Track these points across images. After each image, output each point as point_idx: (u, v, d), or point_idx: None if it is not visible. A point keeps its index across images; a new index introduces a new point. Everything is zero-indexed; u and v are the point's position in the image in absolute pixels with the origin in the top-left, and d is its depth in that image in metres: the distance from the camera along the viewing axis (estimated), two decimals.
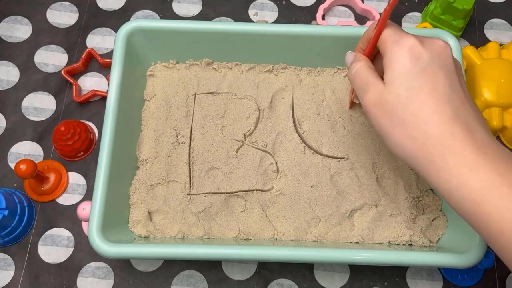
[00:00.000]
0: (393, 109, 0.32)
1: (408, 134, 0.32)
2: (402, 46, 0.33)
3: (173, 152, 0.48)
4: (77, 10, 0.61)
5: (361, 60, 0.37)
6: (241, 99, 0.50)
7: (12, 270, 0.49)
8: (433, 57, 0.32)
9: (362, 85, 0.35)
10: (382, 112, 0.33)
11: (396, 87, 0.32)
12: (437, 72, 0.32)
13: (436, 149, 0.31)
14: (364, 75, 0.35)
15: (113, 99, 0.45)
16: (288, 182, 0.47)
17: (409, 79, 0.32)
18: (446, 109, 0.31)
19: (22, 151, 0.54)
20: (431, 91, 0.32)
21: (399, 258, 0.39)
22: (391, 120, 0.33)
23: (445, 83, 0.32)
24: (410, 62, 0.32)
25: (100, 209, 0.41)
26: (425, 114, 0.31)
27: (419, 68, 0.32)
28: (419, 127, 0.31)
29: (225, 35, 0.48)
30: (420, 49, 0.32)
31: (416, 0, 0.62)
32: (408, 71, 0.32)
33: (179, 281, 0.49)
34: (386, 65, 0.33)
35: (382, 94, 0.33)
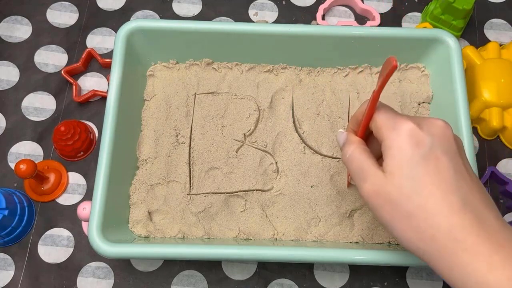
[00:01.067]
0: (396, 201, 0.30)
1: (414, 227, 0.30)
2: (400, 132, 0.31)
3: (173, 152, 0.48)
4: (77, 10, 0.61)
5: (354, 142, 0.35)
6: (241, 99, 0.50)
7: (12, 270, 0.49)
8: (434, 141, 0.31)
9: (358, 173, 0.33)
10: (383, 202, 0.31)
11: (397, 177, 0.30)
12: (440, 157, 0.30)
13: (447, 244, 0.29)
14: (360, 161, 0.33)
15: (113, 99, 0.45)
16: (288, 182, 0.47)
17: (411, 168, 0.30)
18: (454, 199, 0.29)
19: (22, 151, 0.54)
20: (436, 180, 0.30)
21: (399, 258, 0.39)
22: (395, 212, 0.31)
23: (450, 168, 0.30)
24: (410, 149, 0.30)
25: (100, 209, 0.41)
26: (432, 206, 0.29)
27: (421, 155, 0.30)
28: (426, 220, 0.29)
29: (225, 35, 0.48)
30: (420, 133, 0.31)
31: (416, 0, 0.62)
32: (409, 159, 0.30)
33: (179, 281, 0.49)
34: (385, 153, 0.32)
35: (382, 185, 0.31)
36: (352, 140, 0.35)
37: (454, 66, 0.46)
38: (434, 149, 0.30)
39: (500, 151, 0.55)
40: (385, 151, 0.32)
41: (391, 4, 0.62)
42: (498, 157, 0.54)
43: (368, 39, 0.48)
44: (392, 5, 0.62)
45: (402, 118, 0.32)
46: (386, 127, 0.32)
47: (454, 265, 0.29)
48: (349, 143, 0.35)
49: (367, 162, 0.33)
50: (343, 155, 0.36)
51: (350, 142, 0.35)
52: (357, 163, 0.34)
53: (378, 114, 0.33)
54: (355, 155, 0.34)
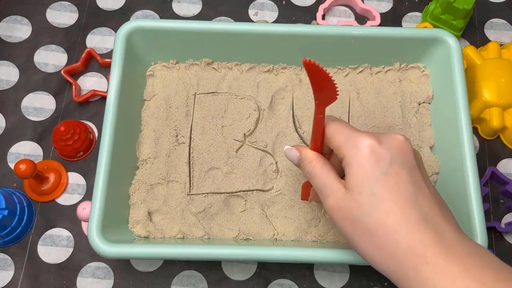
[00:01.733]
0: (356, 217, 0.31)
1: (375, 244, 0.30)
2: (359, 149, 0.31)
3: (173, 152, 0.48)
4: (77, 10, 0.61)
5: (312, 157, 0.35)
6: (241, 99, 0.50)
7: (12, 270, 0.49)
8: (393, 156, 0.31)
9: (321, 188, 0.33)
10: (345, 217, 0.31)
11: (357, 194, 0.31)
12: (399, 172, 0.31)
13: (407, 259, 0.29)
14: (321, 177, 0.33)
15: (113, 99, 0.44)
16: (288, 182, 0.47)
17: (370, 184, 0.30)
18: (413, 214, 0.29)
19: (22, 151, 0.54)
20: (395, 197, 0.30)
21: None
22: (356, 228, 0.31)
23: (408, 183, 0.30)
24: (370, 166, 0.31)
25: (100, 209, 0.41)
26: (391, 222, 0.30)
27: (380, 171, 0.30)
28: (386, 237, 0.30)
29: (225, 35, 0.48)
30: (379, 149, 0.31)
31: (416, 0, 0.62)
32: (369, 176, 0.30)
33: (179, 281, 0.49)
34: (346, 170, 0.32)
35: (344, 200, 0.31)
36: (308, 155, 0.35)
37: (454, 66, 0.46)
38: (393, 164, 0.31)
39: (500, 151, 0.54)
40: (346, 168, 0.32)
41: (391, 4, 0.62)
42: (498, 157, 0.54)
43: (368, 39, 0.48)
44: (392, 5, 0.62)
45: (361, 134, 0.32)
46: (346, 146, 0.32)
47: (415, 281, 0.29)
48: (308, 158, 0.35)
49: (329, 177, 0.33)
50: (305, 171, 0.35)
51: (308, 157, 0.35)
52: (319, 180, 0.34)
53: (334, 133, 0.33)
54: (316, 170, 0.34)
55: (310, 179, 0.35)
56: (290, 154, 0.37)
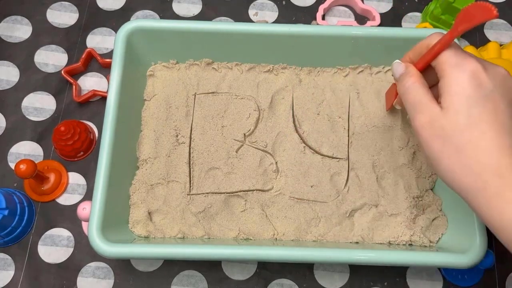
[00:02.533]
0: (448, 135, 0.31)
1: (461, 162, 0.31)
2: (463, 70, 0.31)
3: (173, 152, 0.48)
4: (77, 10, 0.61)
5: (414, 75, 0.35)
6: (241, 99, 0.50)
7: (12, 270, 0.49)
8: (496, 85, 0.31)
9: (415, 105, 0.33)
10: (435, 136, 0.32)
11: (454, 112, 0.31)
12: (499, 101, 0.31)
13: (492, 180, 0.29)
14: (417, 94, 0.34)
15: (113, 99, 0.45)
16: (288, 182, 0.47)
17: (469, 105, 0.31)
18: (506, 140, 0.30)
19: (22, 151, 0.54)
20: (491, 120, 0.30)
21: (399, 258, 0.39)
22: (444, 145, 0.31)
23: (506, 113, 0.31)
24: (471, 88, 0.31)
25: (100, 209, 0.41)
26: (483, 143, 0.30)
27: (481, 95, 0.31)
28: (475, 156, 0.30)
29: (225, 35, 0.48)
30: (483, 75, 0.31)
31: (416, 0, 0.62)
32: (469, 97, 0.31)
33: (179, 281, 0.49)
34: (444, 89, 0.32)
35: (437, 118, 0.32)
36: (412, 72, 0.35)
37: None
38: (494, 93, 0.31)
39: None
40: (445, 87, 0.32)
41: (391, 4, 0.62)
42: None
43: (368, 39, 0.48)
44: (392, 5, 0.62)
45: (468, 57, 0.32)
46: (450, 63, 0.32)
47: (494, 202, 0.29)
48: (409, 75, 0.35)
49: (426, 96, 0.33)
50: (399, 85, 0.36)
51: (410, 74, 0.35)
52: (414, 96, 0.34)
53: (446, 52, 0.33)
54: (414, 87, 0.34)
55: (405, 94, 0.35)
56: (396, 68, 0.37)
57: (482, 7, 0.31)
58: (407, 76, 0.36)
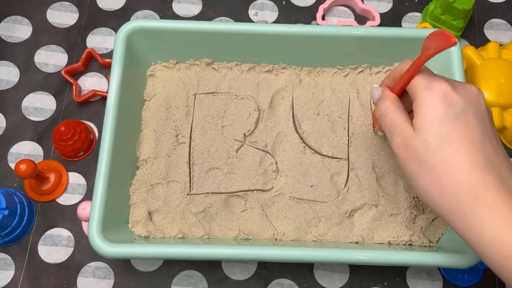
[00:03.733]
0: (421, 156, 0.32)
1: (436, 182, 0.31)
2: (433, 91, 0.32)
3: (173, 152, 0.48)
4: (77, 10, 0.61)
5: (389, 98, 0.36)
6: (241, 99, 0.50)
7: (12, 270, 0.49)
8: (467, 104, 0.32)
9: (391, 127, 0.34)
10: (410, 156, 0.32)
11: (426, 133, 0.31)
12: (470, 119, 0.31)
13: (466, 199, 0.30)
14: (393, 117, 0.35)
15: (113, 99, 0.45)
16: (288, 182, 0.47)
17: (440, 125, 0.31)
18: (479, 157, 0.30)
19: (22, 151, 0.54)
20: (463, 138, 0.31)
21: (399, 258, 0.39)
22: (419, 166, 0.32)
23: (478, 130, 0.31)
24: (442, 109, 0.31)
25: (100, 209, 0.41)
26: (455, 162, 0.30)
27: (452, 115, 0.31)
28: (448, 175, 0.30)
29: (225, 35, 0.48)
30: (453, 95, 0.31)
31: (416, 0, 0.62)
32: (440, 118, 0.31)
33: (179, 281, 0.49)
34: (416, 110, 0.33)
35: (410, 139, 0.32)
36: (387, 96, 0.37)
37: (454, 66, 0.46)
38: (465, 111, 0.31)
39: None
40: (417, 108, 0.33)
41: (391, 4, 0.62)
42: None
43: (368, 39, 0.48)
44: (392, 5, 0.62)
45: (438, 79, 0.33)
46: (421, 86, 0.33)
47: (471, 221, 0.29)
48: (384, 98, 0.36)
49: (400, 118, 0.34)
50: (377, 109, 0.37)
51: (385, 98, 0.36)
52: (390, 118, 0.35)
53: (416, 77, 0.34)
54: (389, 110, 0.35)
55: (381, 117, 0.36)
56: (373, 93, 0.39)
57: (442, 36, 0.32)
58: (382, 100, 0.37)
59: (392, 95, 0.37)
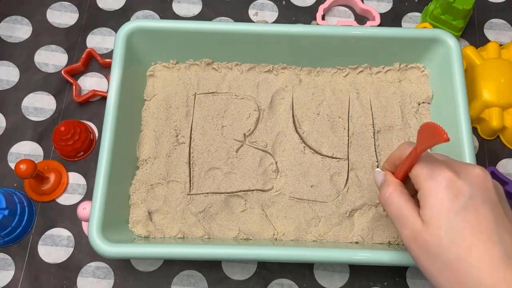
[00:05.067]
0: (435, 251, 0.30)
1: (455, 280, 0.29)
2: (437, 181, 0.31)
3: (173, 152, 0.48)
4: (77, 10, 0.61)
5: (392, 183, 0.35)
6: (241, 99, 0.50)
7: (12, 270, 0.49)
8: (473, 191, 0.30)
9: (398, 217, 0.33)
10: (422, 251, 0.31)
11: (435, 227, 0.30)
12: (480, 208, 0.30)
13: None
14: (398, 206, 0.33)
15: (113, 99, 0.45)
16: (288, 182, 0.47)
17: (449, 219, 0.30)
18: (496, 251, 0.29)
19: (22, 151, 0.54)
20: (476, 232, 0.29)
21: (399, 258, 0.39)
22: (434, 262, 0.30)
23: (490, 219, 0.29)
24: (448, 200, 0.30)
25: (100, 209, 0.41)
26: (473, 259, 0.29)
27: (460, 206, 0.30)
28: (467, 273, 0.29)
29: (225, 35, 0.48)
30: (458, 183, 0.30)
31: (416, 0, 0.62)
32: (448, 210, 0.30)
33: (179, 281, 0.49)
34: (422, 202, 0.31)
35: (420, 233, 0.31)
36: (390, 181, 0.35)
37: (454, 66, 0.46)
38: (473, 199, 0.30)
39: (500, 151, 0.55)
40: (422, 199, 0.32)
41: (391, 4, 0.62)
42: (498, 157, 0.54)
43: (368, 39, 0.48)
44: (392, 5, 0.62)
45: (440, 166, 0.31)
46: (423, 175, 0.32)
47: None
48: (387, 184, 0.35)
49: (406, 207, 0.33)
50: (381, 195, 0.35)
51: (387, 183, 0.35)
52: (395, 207, 0.33)
53: (417, 165, 0.33)
54: (394, 198, 0.34)
55: (386, 204, 0.35)
56: (377, 176, 0.38)
57: (435, 130, 0.30)
58: (385, 186, 0.35)
59: (395, 180, 0.35)
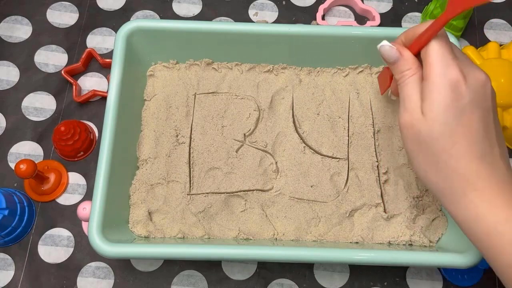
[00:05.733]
0: (423, 139, 0.33)
1: (434, 165, 0.34)
2: (446, 80, 0.33)
3: (173, 152, 0.48)
4: (77, 10, 0.61)
5: (414, 65, 0.35)
6: (241, 99, 0.50)
7: (12, 270, 0.49)
8: (473, 97, 0.33)
9: (406, 99, 0.35)
10: (413, 137, 0.34)
11: (431, 120, 0.33)
12: (474, 112, 0.33)
13: (459, 183, 0.33)
14: (413, 88, 0.35)
15: (113, 99, 0.45)
16: (288, 182, 0.47)
17: (446, 115, 0.33)
18: (476, 149, 0.33)
19: (22, 151, 0.54)
20: (465, 131, 0.33)
21: (399, 258, 0.39)
22: (420, 148, 0.34)
23: (480, 124, 0.33)
24: (450, 100, 0.32)
25: (100, 209, 0.41)
26: (454, 152, 0.33)
27: (458, 108, 0.32)
28: (445, 162, 0.33)
29: (225, 35, 0.48)
30: (463, 87, 0.33)
31: (416, 0, 0.62)
32: (447, 108, 0.32)
33: (179, 281, 0.49)
34: (426, 94, 0.33)
35: (417, 121, 0.34)
36: (410, 61, 0.36)
37: None
38: (471, 103, 0.33)
39: None
40: (426, 90, 0.33)
41: (391, 4, 0.62)
42: None
43: (368, 39, 0.48)
44: (392, 5, 0.62)
45: (453, 66, 0.33)
46: (437, 69, 0.33)
47: (461, 201, 0.33)
48: (408, 64, 0.36)
49: (418, 94, 0.34)
50: (400, 75, 0.36)
51: (408, 63, 0.36)
52: (410, 89, 0.35)
53: (437, 46, 0.34)
54: (412, 80, 0.35)
55: (401, 83, 0.36)
56: (388, 52, 0.37)
57: None
58: (404, 65, 0.36)
59: (415, 59, 0.36)
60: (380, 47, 0.38)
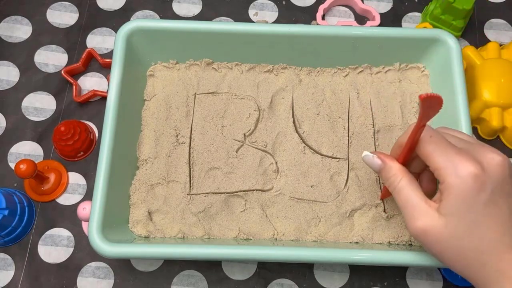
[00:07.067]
0: (447, 240, 0.32)
1: (462, 259, 0.32)
2: (463, 179, 0.31)
3: (173, 152, 0.48)
4: (77, 10, 0.61)
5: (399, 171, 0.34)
6: (241, 99, 0.50)
7: (12, 270, 0.49)
8: (494, 185, 0.31)
9: (407, 208, 0.33)
10: (433, 241, 0.32)
11: (456, 220, 0.31)
12: (498, 201, 0.31)
13: (493, 274, 0.31)
14: (408, 195, 0.33)
15: (113, 99, 0.45)
16: (288, 182, 0.47)
17: (471, 213, 0.31)
18: (506, 239, 0.31)
19: (22, 151, 0.54)
20: (491, 224, 0.31)
21: (399, 258, 0.39)
22: (445, 249, 0.32)
23: (505, 211, 0.31)
24: (472, 196, 0.31)
25: (100, 209, 0.41)
26: (485, 247, 0.31)
27: (481, 201, 0.31)
28: (476, 258, 0.31)
29: (225, 35, 0.48)
30: (482, 178, 0.31)
31: (416, 0, 0.62)
32: (471, 205, 0.31)
33: (179, 281, 0.49)
34: (445, 195, 0.32)
35: (435, 226, 0.32)
36: (394, 168, 0.35)
37: (454, 66, 0.46)
38: (494, 193, 0.31)
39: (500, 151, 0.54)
40: (445, 193, 0.32)
41: (391, 4, 0.62)
42: None
43: (368, 39, 0.48)
44: (392, 5, 0.62)
45: (463, 160, 0.31)
46: (447, 171, 0.32)
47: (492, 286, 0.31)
48: (392, 171, 0.35)
49: (417, 197, 0.33)
50: (387, 182, 0.35)
51: (392, 171, 0.35)
52: (405, 196, 0.34)
53: (433, 153, 0.33)
54: (402, 186, 0.34)
55: (393, 193, 0.35)
56: (371, 162, 0.37)
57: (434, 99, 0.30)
58: (389, 173, 0.35)
59: (399, 165, 0.35)
60: (363, 157, 0.37)
